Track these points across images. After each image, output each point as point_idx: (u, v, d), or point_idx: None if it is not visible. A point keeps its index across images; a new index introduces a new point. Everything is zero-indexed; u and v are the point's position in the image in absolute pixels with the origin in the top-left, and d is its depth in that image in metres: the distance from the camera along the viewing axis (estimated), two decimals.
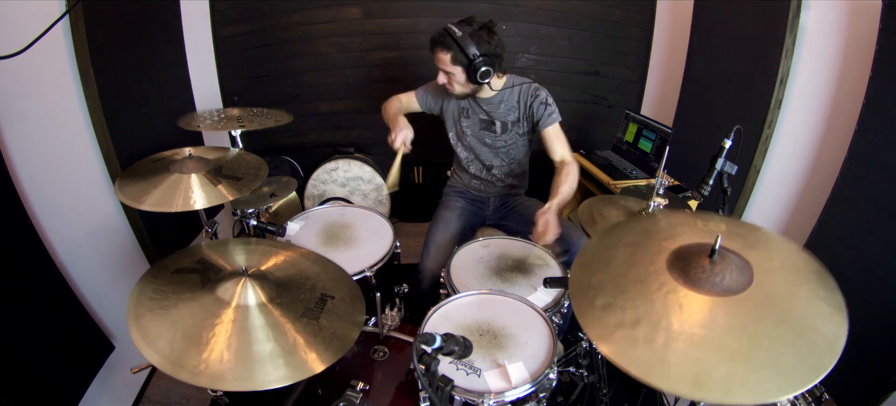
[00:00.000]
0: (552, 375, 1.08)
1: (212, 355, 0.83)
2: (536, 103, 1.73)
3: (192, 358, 0.82)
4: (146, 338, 0.85)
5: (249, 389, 0.81)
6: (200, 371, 0.80)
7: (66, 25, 1.64)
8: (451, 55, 1.61)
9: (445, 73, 1.67)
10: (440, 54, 1.63)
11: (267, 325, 0.91)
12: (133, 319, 0.88)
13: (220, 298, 0.95)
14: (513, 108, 1.77)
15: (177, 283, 0.98)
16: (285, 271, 1.09)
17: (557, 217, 1.52)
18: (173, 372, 0.80)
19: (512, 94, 1.76)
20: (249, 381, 0.82)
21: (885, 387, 1.50)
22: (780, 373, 0.66)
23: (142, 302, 0.92)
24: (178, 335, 0.86)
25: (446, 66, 1.64)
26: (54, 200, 1.64)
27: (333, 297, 1.04)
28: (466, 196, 1.98)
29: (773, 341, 0.70)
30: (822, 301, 0.77)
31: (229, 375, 0.81)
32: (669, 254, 0.85)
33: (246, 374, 0.82)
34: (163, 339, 0.85)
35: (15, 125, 1.49)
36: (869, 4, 1.59)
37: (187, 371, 0.80)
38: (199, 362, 0.82)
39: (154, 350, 0.82)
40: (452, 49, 1.60)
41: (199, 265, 1.05)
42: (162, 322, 0.88)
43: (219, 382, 0.81)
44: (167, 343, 0.84)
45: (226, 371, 0.82)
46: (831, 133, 1.81)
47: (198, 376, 0.80)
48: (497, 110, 1.78)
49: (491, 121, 1.79)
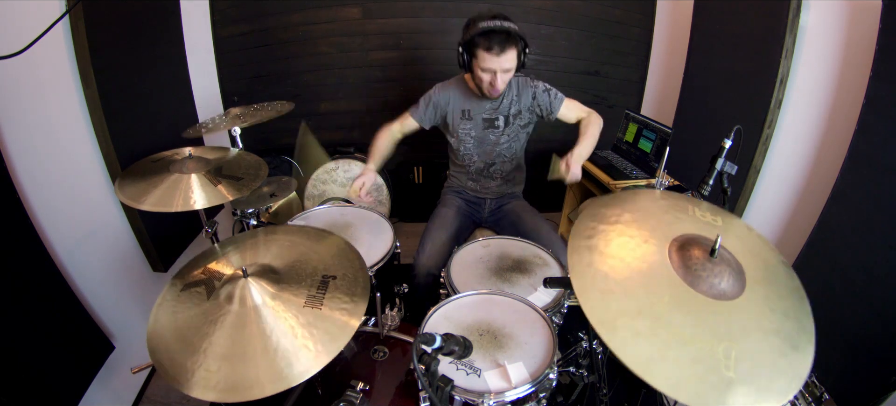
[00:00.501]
0: (552, 375, 1.08)
1: (249, 366, 0.83)
2: (539, 93, 1.76)
3: (238, 373, 0.82)
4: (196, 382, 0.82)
5: (285, 387, 0.81)
6: (249, 383, 0.80)
7: (66, 25, 1.64)
8: (516, 51, 1.54)
9: (504, 71, 1.57)
10: (510, 53, 1.53)
11: (279, 318, 0.91)
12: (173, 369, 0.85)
13: (229, 306, 0.94)
14: (514, 101, 1.78)
15: (187, 301, 0.97)
16: (284, 259, 1.08)
17: (579, 164, 1.57)
18: (229, 396, 0.79)
19: (511, 88, 1.77)
20: (283, 381, 0.81)
21: (885, 387, 1.49)
22: (771, 382, 0.67)
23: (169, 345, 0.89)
24: (215, 363, 0.84)
25: (512, 63, 1.56)
26: (54, 200, 1.64)
27: (335, 277, 1.03)
28: (463, 196, 1.99)
29: (760, 354, 0.70)
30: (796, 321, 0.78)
31: (265, 380, 0.81)
32: (671, 242, 0.85)
33: (277, 375, 0.82)
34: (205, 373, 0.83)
35: (15, 125, 1.49)
36: (869, 4, 1.59)
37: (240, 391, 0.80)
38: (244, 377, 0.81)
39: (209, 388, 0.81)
40: (519, 45, 1.53)
41: (202, 276, 1.04)
42: (197, 358, 0.86)
43: (253, 391, 0.80)
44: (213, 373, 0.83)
45: (260, 376, 0.81)
46: (831, 133, 1.81)
47: (247, 391, 0.80)
48: (500, 106, 1.78)
49: (494, 118, 1.79)
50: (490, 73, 1.58)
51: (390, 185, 2.69)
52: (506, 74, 1.60)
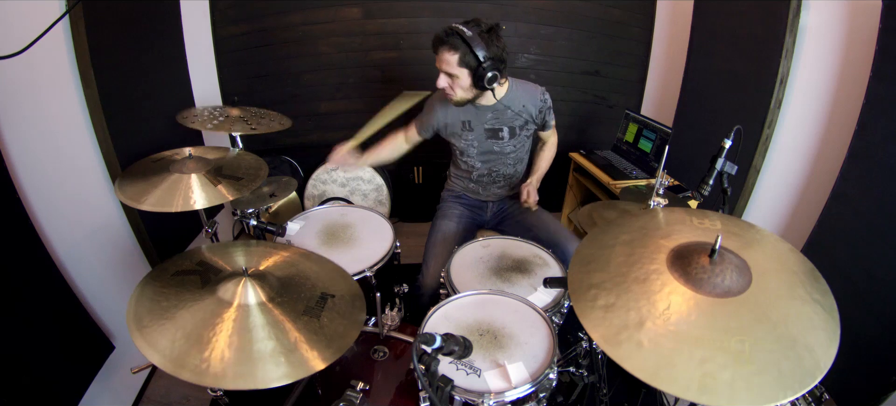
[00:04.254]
0: (552, 375, 1.08)
1: (213, 354, 0.83)
2: (545, 108, 1.76)
3: (193, 357, 0.82)
4: (147, 338, 0.85)
5: (251, 387, 0.81)
6: (202, 370, 0.80)
7: (66, 25, 1.64)
8: (458, 56, 1.49)
9: (449, 75, 1.55)
10: (446, 55, 1.50)
11: (267, 323, 0.92)
12: (133, 321, 0.88)
13: (221, 298, 0.95)
14: (519, 112, 1.71)
15: (177, 285, 0.98)
16: (285, 271, 1.09)
17: (537, 187, 1.79)
18: (175, 371, 0.80)
19: (517, 99, 1.70)
20: (251, 380, 0.82)
21: (885, 387, 1.50)
22: (781, 375, 0.66)
23: (142, 303, 0.92)
24: (179, 335, 0.86)
25: (451, 69, 1.52)
26: (54, 201, 1.64)
27: (334, 296, 1.04)
28: (464, 200, 1.95)
29: (774, 343, 0.70)
30: (816, 304, 0.77)
31: (231, 374, 0.81)
32: (669, 252, 0.85)
33: (247, 373, 0.82)
34: (164, 339, 0.85)
35: (15, 125, 1.49)
36: (869, 4, 1.59)
37: (189, 370, 0.80)
38: (201, 361, 0.82)
39: (155, 350, 0.82)
40: (460, 50, 1.48)
41: (199, 267, 1.05)
42: (163, 323, 0.88)
43: (220, 381, 0.80)
44: (168, 343, 0.84)
45: (227, 370, 0.82)
46: (831, 133, 1.81)
47: (200, 375, 0.80)
48: (503, 117, 1.72)
49: (497, 128, 1.75)
50: (442, 73, 1.57)
51: (390, 185, 2.70)
52: (453, 79, 1.55)
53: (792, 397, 0.64)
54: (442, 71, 1.56)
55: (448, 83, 1.58)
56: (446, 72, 1.55)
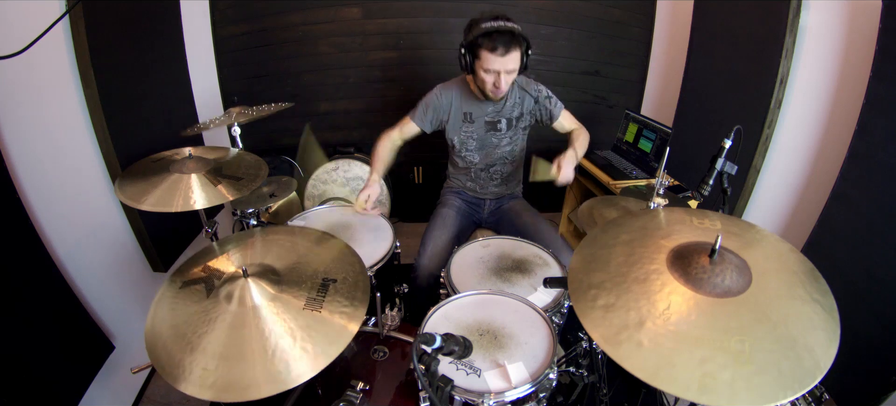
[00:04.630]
0: (552, 375, 1.08)
1: (241, 365, 0.83)
2: (542, 98, 1.77)
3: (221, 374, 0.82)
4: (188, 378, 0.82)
5: (282, 390, 0.80)
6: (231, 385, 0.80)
7: (66, 25, 1.64)
8: (520, 52, 1.52)
9: (508, 72, 1.55)
10: (514, 53, 1.50)
11: (278, 319, 0.91)
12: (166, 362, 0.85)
13: (228, 305, 0.94)
14: (516, 104, 1.77)
15: (185, 298, 0.97)
16: (285, 260, 1.08)
17: (572, 165, 1.61)
18: (219, 397, 0.79)
19: (513, 91, 1.75)
20: (280, 383, 0.81)
21: (885, 387, 1.50)
22: (781, 375, 0.66)
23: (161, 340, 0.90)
24: (210, 360, 0.84)
25: (513, 65, 1.53)
26: (54, 201, 1.64)
27: (335, 281, 1.03)
28: (463, 196, 1.98)
29: (774, 343, 0.70)
30: (816, 304, 0.77)
31: (261, 381, 0.81)
32: (669, 253, 0.85)
33: (274, 377, 0.82)
34: (199, 370, 0.83)
35: (15, 125, 1.49)
36: (869, 4, 1.59)
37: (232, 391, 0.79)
38: (230, 376, 0.81)
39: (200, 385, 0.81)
40: (523, 45, 1.51)
41: (202, 273, 1.04)
42: (193, 354, 0.86)
43: (249, 392, 0.80)
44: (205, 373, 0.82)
45: (257, 377, 0.81)
46: (831, 133, 1.81)
47: (229, 393, 0.79)
48: (502, 108, 1.77)
49: (496, 120, 1.78)
50: (493, 75, 1.56)
51: (390, 185, 2.69)
52: (509, 76, 1.58)
53: (792, 397, 0.64)
54: (501, 71, 1.54)
55: (503, 81, 1.56)
56: (506, 70, 1.54)
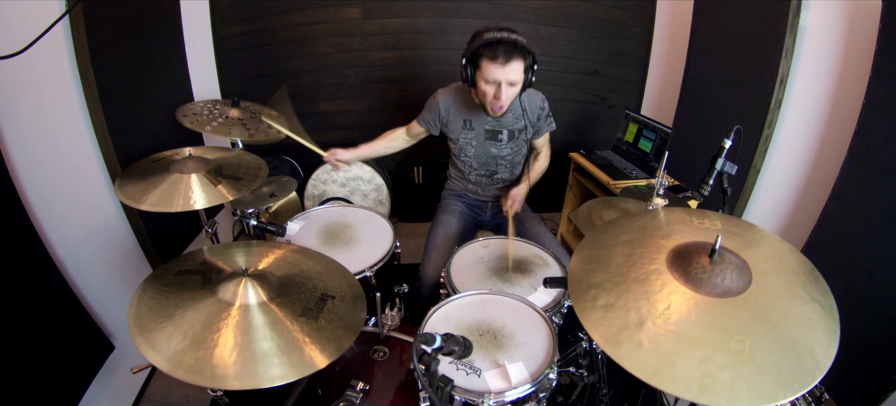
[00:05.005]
0: (552, 375, 1.08)
1: (214, 354, 0.83)
2: (543, 114, 1.77)
3: (193, 358, 0.82)
4: (148, 339, 0.85)
5: (252, 387, 0.81)
6: (202, 371, 0.81)
7: (66, 25, 1.64)
8: (523, 64, 1.48)
9: (509, 84, 1.51)
10: (515, 64, 1.46)
11: (267, 324, 0.91)
12: (134, 321, 0.88)
13: (221, 299, 0.95)
14: (519, 116, 1.72)
15: (179, 285, 0.98)
16: (286, 270, 1.09)
17: (523, 197, 1.77)
18: (174, 372, 0.80)
19: (518, 103, 1.69)
20: (252, 379, 0.82)
21: (885, 387, 1.50)
22: (781, 375, 0.66)
23: (143, 304, 0.92)
24: (180, 335, 0.86)
25: (515, 76, 1.49)
26: (54, 200, 1.64)
27: (334, 297, 1.04)
28: (464, 199, 1.97)
29: (774, 343, 0.70)
30: (816, 304, 0.77)
31: (233, 374, 0.81)
32: (669, 253, 0.85)
33: (248, 373, 0.82)
34: (165, 340, 0.85)
35: (15, 125, 1.49)
36: (869, 4, 1.59)
37: (189, 371, 0.80)
38: (203, 362, 0.82)
39: (156, 351, 0.83)
40: (526, 58, 1.48)
41: (201, 267, 1.05)
42: (164, 323, 0.88)
43: (222, 382, 0.80)
44: (168, 344, 0.84)
45: (229, 370, 0.82)
46: (831, 133, 1.81)
47: (199, 376, 0.80)
48: (503, 119, 1.74)
49: (497, 131, 1.76)
50: (494, 86, 1.52)
51: (390, 185, 2.70)
52: (511, 89, 1.53)
53: (792, 397, 0.64)
54: (501, 81, 1.50)
55: (503, 94, 1.52)
56: (509, 81, 1.50)
